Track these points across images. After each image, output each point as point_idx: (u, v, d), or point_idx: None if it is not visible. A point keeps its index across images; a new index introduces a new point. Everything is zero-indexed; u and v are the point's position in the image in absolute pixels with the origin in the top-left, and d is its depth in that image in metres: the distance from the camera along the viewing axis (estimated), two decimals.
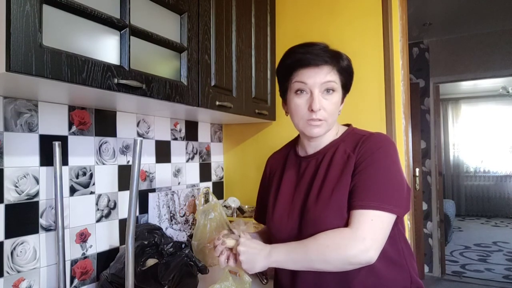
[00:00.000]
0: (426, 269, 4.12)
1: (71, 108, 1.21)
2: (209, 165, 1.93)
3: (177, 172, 1.70)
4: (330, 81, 0.94)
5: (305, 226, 0.94)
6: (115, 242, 1.36)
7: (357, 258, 0.84)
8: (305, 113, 0.95)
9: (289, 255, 0.89)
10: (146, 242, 1.21)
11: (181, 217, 1.66)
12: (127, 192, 1.39)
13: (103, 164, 1.32)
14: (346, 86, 1.00)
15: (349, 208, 0.89)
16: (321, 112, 0.94)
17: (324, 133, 0.98)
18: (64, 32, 0.84)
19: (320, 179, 0.97)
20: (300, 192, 1.00)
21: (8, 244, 1.03)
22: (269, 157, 1.21)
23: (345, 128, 1.06)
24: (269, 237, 1.11)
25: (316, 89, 0.94)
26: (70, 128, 1.20)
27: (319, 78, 0.93)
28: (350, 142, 0.98)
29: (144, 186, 1.50)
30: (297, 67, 0.95)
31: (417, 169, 3.90)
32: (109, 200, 1.34)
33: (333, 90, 0.95)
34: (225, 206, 1.84)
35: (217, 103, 1.36)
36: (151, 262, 1.16)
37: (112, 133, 1.36)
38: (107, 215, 1.33)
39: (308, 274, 0.95)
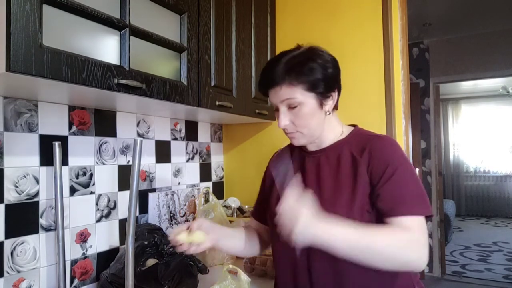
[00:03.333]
0: (426, 269, 4.12)
1: (71, 108, 1.21)
2: (209, 165, 1.93)
3: (177, 172, 1.70)
4: (286, 99, 0.93)
5: None
6: (115, 242, 1.36)
7: (415, 264, 0.81)
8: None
9: (350, 239, 0.80)
10: (146, 242, 1.21)
11: (181, 217, 1.66)
12: (127, 192, 1.39)
13: (103, 164, 1.32)
14: (322, 90, 0.94)
15: (385, 214, 0.87)
16: (289, 126, 0.96)
17: (306, 142, 1.00)
18: (64, 32, 0.84)
19: (328, 179, 0.96)
20: (306, 189, 0.99)
21: (8, 244, 1.03)
22: (273, 155, 1.20)
23: (351, 128, 1.05)
24: (251, 237, 1.12)
25: (281, 107, 0.95)
26: (70, 128, 1.21)
27: (276, 98, 0.95)
28: (356, 144, 0.98)
29: (144, 186, 1.50)
30: (263, 91, 0.99)
31: (417, 169, 3.90)
32: (109, 200, 1.34)
33: (296, 105, 0.93)
34: (225, 206, 1.84)
35: (217, 103, 1.36)
36: (151, 262, 1.16)
37: (112, 133, 1.36)
38: (107, 215, 1.33)
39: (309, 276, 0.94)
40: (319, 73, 0.92)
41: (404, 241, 0.82)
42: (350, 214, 0.89)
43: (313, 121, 0.96)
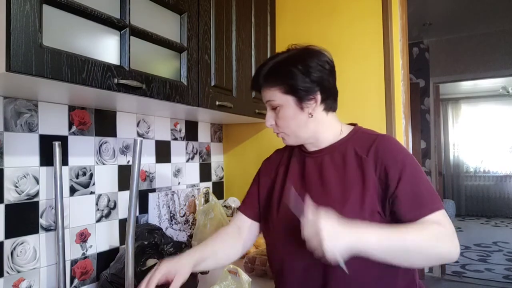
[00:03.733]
0: (426, 269, 4.12)
1: (71, 108, 1.21)
2: (209, 165, 1.93)
3: (177, 172, 1.70)
4: (268, 100, 1.00)
5: None
6: (115, 242, 1.36)
7: (451, 255, 0.82)
8: None
9: (383, 240, 0.77)
10: (146, 242, 1.21)
11: (181, 217, 1.66)
12: (127, 192, 1.39)
13: (103, 164, 1.32)
14: (302, 92, 0.95)
15: (408, 218, 0.87)
16: (274, 127, 1.02)
17: (294, 142, 1.03)
18: (64, 32, 0.84)
19: (334, 179, 0.96)
20: (309, 190, 0.98)
21: (8, 244, 1.03)
22: (272, 154, 1.19)
23: (351, 127, 1.05)
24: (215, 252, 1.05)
25: (268, 107, 1.02)
26: (70, 128, 1.20)
27: (263, 99, 1.03)
28: (359, 142, 0.98)
29: (144, 186, 1.50)
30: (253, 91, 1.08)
31: None
32: (109, 200, 1.34)
33: (278, 106, 0.98)
34: (225, 206, 1.84)
35: (217, 103, 1.36)
36: (151, 262, 1.16)
37: (112, 133, 1.36)
38: (107, 215, 1.33)
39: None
40: (297, 77, 0.95)
41: (437, 235, 0.81)
42: (361, 214, 0.89)
43: (294, 123, 0.98)
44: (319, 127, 1.00)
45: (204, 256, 1.02)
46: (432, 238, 0.80)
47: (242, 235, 1.12)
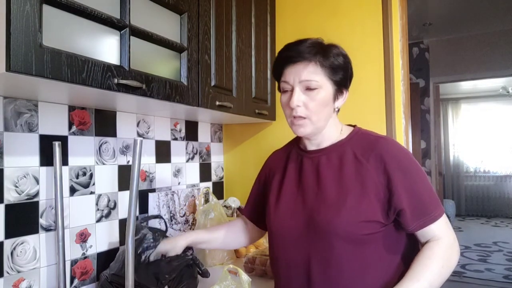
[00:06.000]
0: None
1: (71, 108, 1.21)
2: (209, 165, 1.93)
3: (177, 172, 1.70)
4: (308, 80, 0.92)
5: (313, 227, 0.92)
6: (115, 242, 1.36)
7: (457, 259, 0.93)
8: (288, 111, 0.96)
9: None
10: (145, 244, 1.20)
11: (181, 217, 1.66)
12: (127, 192, 1.39)
13: (103, 164, 1.32)
14: (340, 81, 0.96)
15: (412, 228, 0.90)
16: (301, 109, 0.93)
17: (310, 133, 0.96)
18: (64, 32, 0.84)
19: (331, 181, 0.94)
20: (305, 191, 0.97)
21: (8, 244, 1.03)
22: (271, 155, 1.19)
23: (350, 128, 1.03)
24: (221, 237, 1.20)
25: (297, 86, 0.93)
26: (70, 128, 1.20)
27: (297, 75, 0.92)
28: (359, 145, 0.96)
29: (144, 186, 1.50)
30: (282, 66, 0.96)
31: None
32: (109, 200, 1.34)
33: (315, 88, 0.92)
34: (225, 206, 1.84)
35: (217, 103, 1.36)
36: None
37: (112, 133, 1.36)
38: (107, 215, 1.33)
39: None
40: (340, 65, 0.96)
41: (446, 254, 0.90)
42: (357, 220, 0.88)
43: (324, 111, 0.95)
44: (329, 123, 0.99)
45: (201, 241, 1.18)
46: (445, 263, 0.89)
47: (248, 228, 1.23)
